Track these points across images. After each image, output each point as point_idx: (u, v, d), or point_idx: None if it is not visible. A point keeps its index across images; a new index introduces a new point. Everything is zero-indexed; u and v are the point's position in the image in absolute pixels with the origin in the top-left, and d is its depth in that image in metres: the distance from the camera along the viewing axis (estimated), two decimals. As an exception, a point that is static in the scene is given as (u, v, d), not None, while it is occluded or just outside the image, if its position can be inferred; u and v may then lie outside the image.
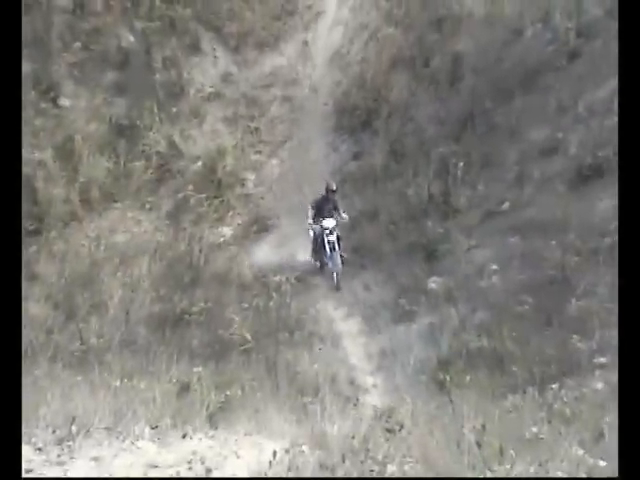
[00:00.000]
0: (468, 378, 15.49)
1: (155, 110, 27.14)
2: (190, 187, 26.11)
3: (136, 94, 27.15)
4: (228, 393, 10.54)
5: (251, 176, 27.00)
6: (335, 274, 22.83)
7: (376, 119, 27.29)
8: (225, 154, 27.01)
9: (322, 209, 23.23)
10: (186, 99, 28.19)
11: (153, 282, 23.01)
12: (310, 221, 23.24)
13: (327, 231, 22.77)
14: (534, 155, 23.02)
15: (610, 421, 9.64)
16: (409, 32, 28.64)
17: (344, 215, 23.41)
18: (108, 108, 26.74)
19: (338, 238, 22.92)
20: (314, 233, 23.46)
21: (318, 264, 24.07)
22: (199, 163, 26.73)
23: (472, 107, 25.27)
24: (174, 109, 27.69)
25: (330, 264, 22.96)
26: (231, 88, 28.91)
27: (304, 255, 23.72)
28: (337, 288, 22.75)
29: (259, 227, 25.51)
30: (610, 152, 20.48)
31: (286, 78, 29.32)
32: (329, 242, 22.68)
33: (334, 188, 23.33)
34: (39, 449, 7.35)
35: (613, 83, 22.38)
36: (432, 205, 23.68)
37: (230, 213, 25.94)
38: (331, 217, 23.05)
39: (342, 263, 22.77)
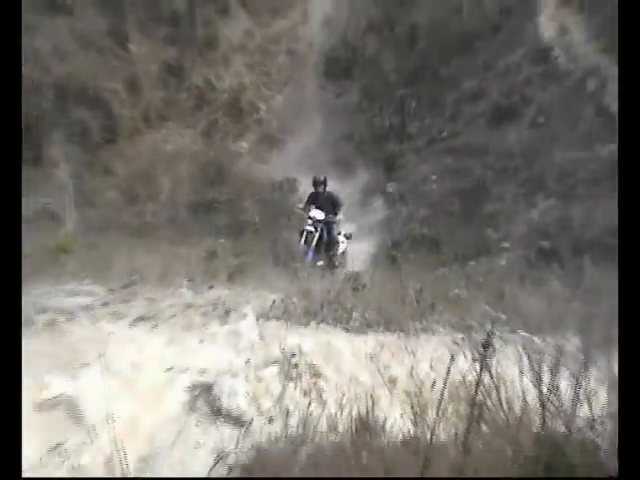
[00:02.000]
0: (412, 256, 15.70)
1: (196, 56, 27.28)
2: (219, 112, 26.39)
3: (183, 44, 27.07)
4: (242, 259, 10.59)
5: (263, 106, 27.10)
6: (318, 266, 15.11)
7: (354, 68, 27.38)
8: (245, 89, 27.19)
9: (316, 201, 16.78)
10: (218, 49, 28.16)
11: (192, 179, 23.35)
12: (300, 205, 17.33)
13: (309, 221, 16.15)
14: (466, 99, 23.31)
15: (508, 287, 9.83)
16: (380, 5, 28.55)
17: (339, 217, 16.68)
18: (163, 53, 26.65)
19: (320, 237, 16.09)
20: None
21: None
22: (226, 95, 26.88)
23: (424, 63, 25.42)
24: (209, 56, 27.75)
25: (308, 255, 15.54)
26: (250, 42, 28.84)
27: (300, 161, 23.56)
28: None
29: (268, 142, 25.77)
30: (518, 99, 21.10)
31: (290, 36, 29.20)
32: (306, 232, 16.00)
33: (321, 179, 17.08)
34: (111, 290, 7.47)
35: (522, 50, 22.84)
36: (392, 132, 24.05)
37: (248, 132, 26.21)
38: (321, 210, 16.41)
39: (314, 260, 15.55)
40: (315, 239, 15.68)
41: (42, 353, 5.50)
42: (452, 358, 3.88)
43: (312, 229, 15.79)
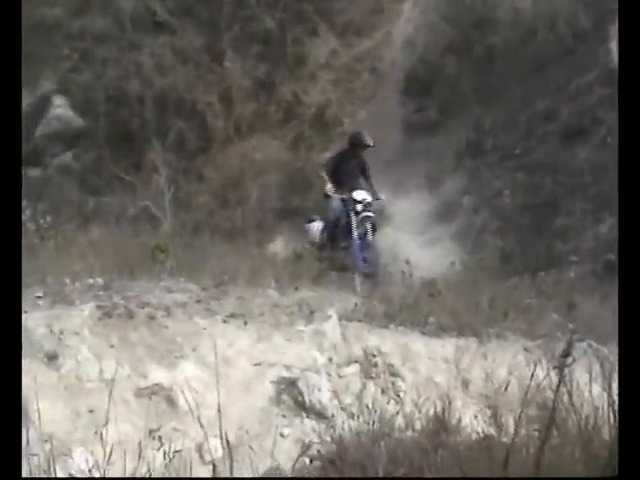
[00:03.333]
0: (486, 264, 15.56)
1: (285, 72, 27.53)
2: (306, 125, 26.55)
3: (273, 61, 27.38)
4: (326, 264, 10.60)
5: (347, 120, 27.17)
6: (359, 277, 9.69)
7: (433, 87, 27.25)
8: (330, 104, 27.30)
9: (344, 174, 10.54)
10: (306, 66, 28.38)
11: (278, 187, 23.62)
12: (329, 187, 10.30)
13: (359, 206, 10.07)
14: (538, 118, 23.09)
15: (577, 298, 9.67)
16: (458, 27, 28.37)
17: (381, 196, 10.76)
18: (254, 69, 27.01)
19: (373, 225, 10.26)
20: (333, 209, 10.49)
21: (330, 255, 10.65)
22: (312, 110, 27.05)
23: (499, 82, 25.18)
24: (298, 72, 27.97)
25: (357, 261, 9.87)
26: (336, 60, 28.97)
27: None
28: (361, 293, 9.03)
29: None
30: (589, 119, 20.98)
31: (374, 55, 29.24)
32: (361, 222, 10.04)
33: (371, 143, 10.72)
34: (204, 289, 7.56)
35: (594, 73, 22.60)
36: (469, 148, 23.85)
37: (332, 144, 26.25)
38: (362, 190, 10.37)
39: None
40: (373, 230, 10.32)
41: (142, 345, 5.61)
42: (530, 365, 3.84)
43: (371, 216, 10.28)
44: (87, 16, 24.82)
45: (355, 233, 9.98)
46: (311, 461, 4.63)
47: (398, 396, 5.80)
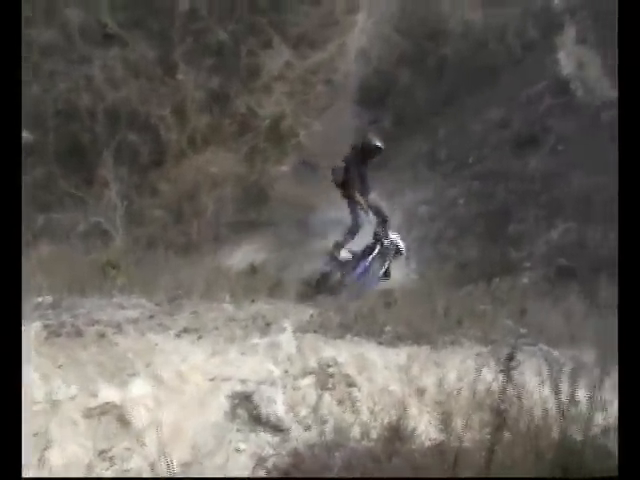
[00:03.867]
0: (441, 273, 15.70)
1: (239, 85, 27.57)
2: (261, 138, 26.61)
3: (229, 74, 27.39)
4: (282, 275, 10.62)
5: (302, 132, 27.26)
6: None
7: (387, 97, 27.45)
8: (285, 116, 27.38)
9: (359, 181, 10.71)
10: (260, 78, 28.45)
11: (234, 199, 23.57)
12: (362, 202, 10.57)
13: (387, 242, 10.72)
14: (491, 127, 23.43)
15: (530, 303, 9.84)
16: (411, 38, 28.69)
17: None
18: (208, 82, 27.00)
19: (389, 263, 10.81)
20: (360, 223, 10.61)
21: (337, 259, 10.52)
22: (267, 122, 27.11)
23: (451, 93, 25.49)
24: (252, 85, 28.02)
25: (356, 276, 10.30)
26: (291, 72, 29.09)
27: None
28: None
29: (306, 166, 25.91)
30: (539, 128, 21.45)
31: (328, 67, 29.41)
32: (381, 254, 10.57)
33: (381, 145, 10.75)
34: (157, 304, 7.51)
35: (544, 83, 23.14)
36: (422, 158, 24.11)
37: (287, 156, 26.39)
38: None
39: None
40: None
41: (91, 363, 5.54)
42: (478, 370, 3.90)
43: (399, 242, 10.94)
44: (33, 28, 24.46)
45: (370, 257, 10.42)
46: (267, 474, 4.64)
47: (354, 406, 5.80)
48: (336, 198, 11.19)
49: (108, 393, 5.26)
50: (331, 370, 6.13)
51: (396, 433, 4.59)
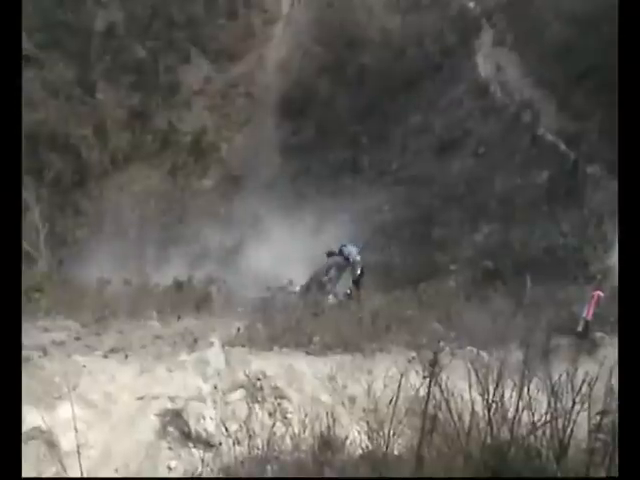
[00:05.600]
0: (368, 280, 15.71)
1: (159, 101, 27.51)
2: (183, 153, 26.58)
3: (146, 90, 27.28)
4: (209, 290, 10.51)
5: (224, 146, 27.29)
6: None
7: (308, 107, 27.58)
8: (206, 131, 27.42)
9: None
10: (180, 94, 28.40)
11: (158, 215, 23.39)
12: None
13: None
14: (412, 133, 23.73)
15: (457, 306, 9.92)
16: (331, 48, 28.93)
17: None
18: (128, 99, 26.86)
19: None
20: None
21: None
22: (188, 137, 27.07)
23: (372, 100, 25.71)
24: (172, 101, 27.97)
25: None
26: (210, 87, 29.13)
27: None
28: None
29: (231, 180, 25.94)
30: (460, 131, 21.73)
31: (247, 80, 29.52)
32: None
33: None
34: (83, 325, 7.37)
35: (463, 87, 23.44)
36: (345, 165, 24.28)
37: (210, 170, 26.40)
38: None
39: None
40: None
41: (17, 388, 5.41)
42: (403, 375, 3.91)
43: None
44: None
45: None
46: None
47: (285, 418, 5.77)
48: (261, 212, 11.21)
49: (35, 418, 5.13)
50: (260, 383, 6.09)
51: (327, 443, 4.58)
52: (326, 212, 21.97)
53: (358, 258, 12.25)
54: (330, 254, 12.41)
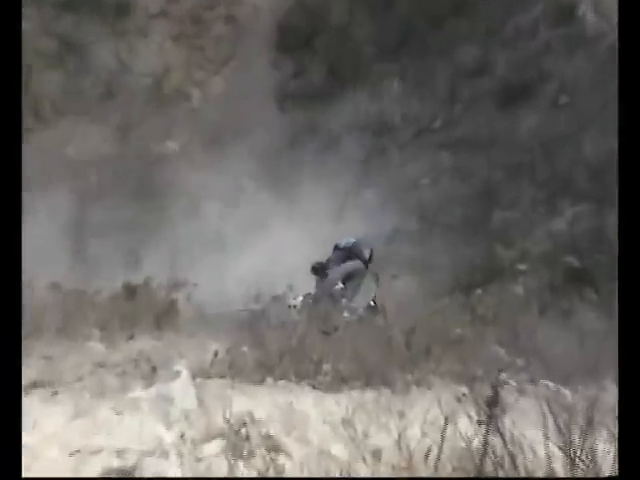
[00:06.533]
0: (398, 284, 15.66)
1: (103, 28, 27.12)
2: (137, 103, 26.16)
3: (83, 11, 27.01)
4: (174, 297, 10.53)
5: (196, 93, 27.05)
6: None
7: (315, 37, 27.27)
8: (171, 71, 27.06)
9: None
10: (132, 19, 28.10)
11: (102, 192, 23.16)
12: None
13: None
14: (464, 75, 23.38)
15: (527, 322, 9.91)
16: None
17: None
18: (57, 24, 26.60)
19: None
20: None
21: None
22: (146, 80, 26.77)
23: (406, 29, 25.40)
24: (120, 26, 27.60)
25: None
26: (175, 7, 28.79)
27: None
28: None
29: (203, 143, 25.54)
30: (534, 73, 21.17)
31: (230, -1, 29.28)
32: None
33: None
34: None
35: (540, 7, 22.93)
36: (369, 122, 23.98)
37: (176, 128, 26.03)
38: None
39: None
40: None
41: None
42: (447, 419, 3.90)
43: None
44: None
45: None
46: None
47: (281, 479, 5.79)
48: (248, 188, 11.23)
49: None
50: (246, 430, 6.10)
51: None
52: (339, 189, 21.88)
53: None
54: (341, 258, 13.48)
